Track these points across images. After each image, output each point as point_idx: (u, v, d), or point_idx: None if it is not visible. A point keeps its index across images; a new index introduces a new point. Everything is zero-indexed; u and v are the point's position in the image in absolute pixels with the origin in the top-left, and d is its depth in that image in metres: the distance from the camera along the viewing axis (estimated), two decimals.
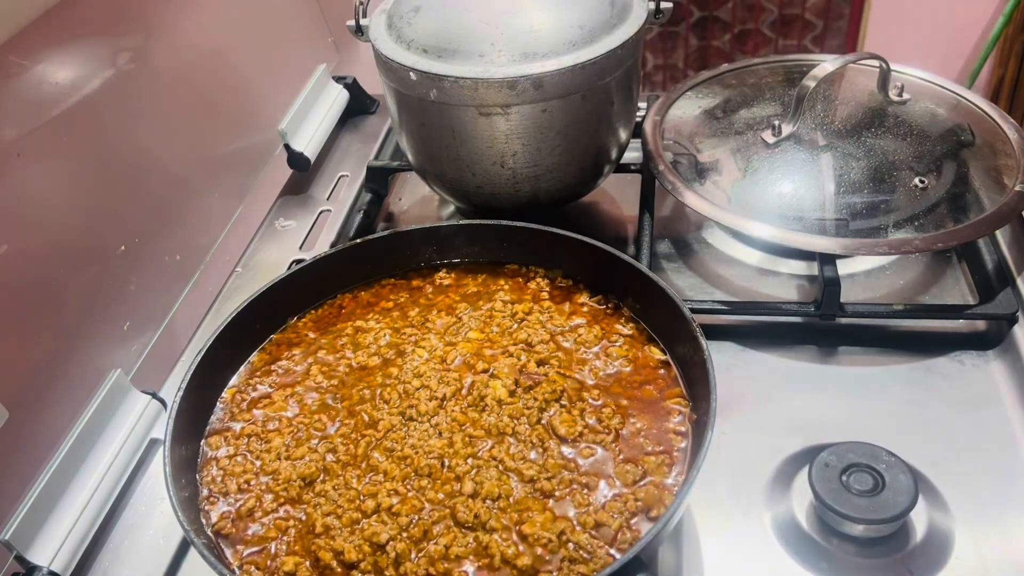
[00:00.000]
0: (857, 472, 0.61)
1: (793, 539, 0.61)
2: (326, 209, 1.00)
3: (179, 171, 0.88)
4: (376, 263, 0.77)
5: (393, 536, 0.56)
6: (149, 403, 0.74)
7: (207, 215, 0.92)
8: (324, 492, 0.59)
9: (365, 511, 0.57)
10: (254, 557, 0.56)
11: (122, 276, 0.77)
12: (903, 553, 0.60)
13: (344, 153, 1.10)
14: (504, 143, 0.80)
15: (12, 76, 0.66)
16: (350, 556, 0.54)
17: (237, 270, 0.93)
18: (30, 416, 0.65)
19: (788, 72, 0.95)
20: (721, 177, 0.84)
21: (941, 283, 0.83)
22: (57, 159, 0.71)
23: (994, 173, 0.81)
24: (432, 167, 0.87)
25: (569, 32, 0.76)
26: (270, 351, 0.71)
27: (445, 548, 0.55)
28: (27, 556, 0.60)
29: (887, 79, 0.87)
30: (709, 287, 0.85)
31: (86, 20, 0.75)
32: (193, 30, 0.91)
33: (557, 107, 0.78)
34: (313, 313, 0.75)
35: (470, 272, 0.77)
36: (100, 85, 0.75)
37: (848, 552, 0.60)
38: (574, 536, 0.55)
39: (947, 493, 0.63)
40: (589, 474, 0.59)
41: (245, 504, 0.59)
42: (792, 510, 0.63)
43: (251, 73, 1.01)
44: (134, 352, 0.78)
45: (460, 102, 0.77)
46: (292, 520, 0.58)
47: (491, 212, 0.84)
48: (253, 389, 0.68)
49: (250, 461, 0.62)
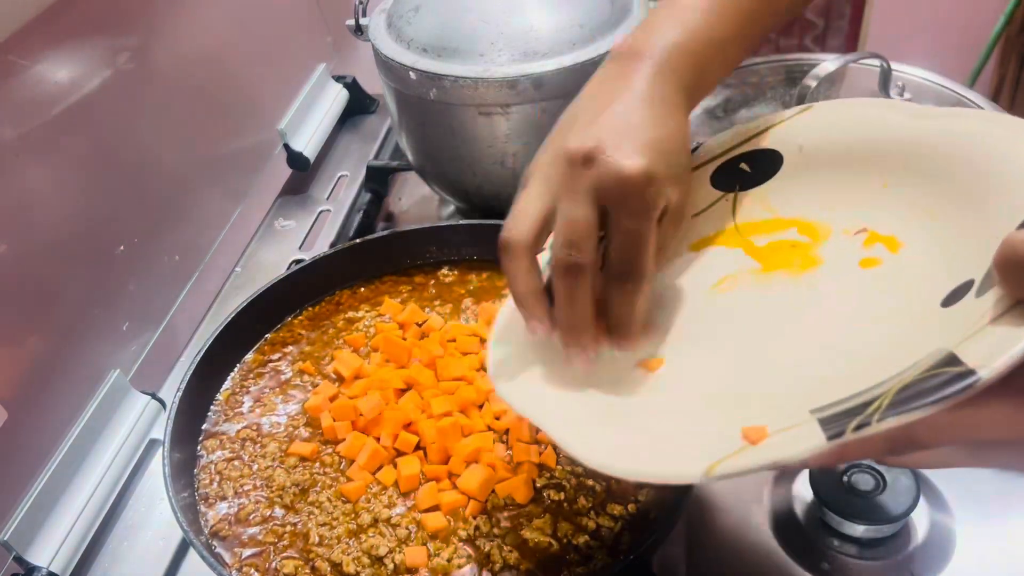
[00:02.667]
0: (858, 472, 0.60)
1: (794, 539, 0.61)
2: (326, 209, 1.00)
3: (178, 171, 0.88)
4: (376, 263, 0.77)
5: (392, 548, 0.55)
6: (148, 403, 0.74)
7: (206, 215, 0.92)
8: (318, 503, 0.59)
9: (361, 525, 0.57)
10: (253, 559, 0.56)
11: (121, 276, 0.77)
12: (904, 554, 0.59)
13: (344, 153, 1.10)
14: (504, 143, 0.79)
15: (12, 75, 0.66)
16: (348, 569, 0.54)
17: (236, 270, 0.92)
18: (29, 416, 0.65)
19: (789, 71, 0.95)
20: None
21: None
22: (57, 159, 0.71)
23: None
24: (432, 167, 0.87)
25: (569, 31, 0.76)
26: (264, 351, 0.71)
27: (447, 561, 0.55)
28: (26, 557, 0.60)
29: (888, 79, 0.87)
30: None
31: (86, 20, 0.74)
32: (193, 30, 0.91)
33: (557, 107, 0.77)
34: (310, 311, 0.75)
35: (473, 269, 0.77)
36: (100, 85, 0.75)
37: (849, 553, 0.60)
38: (575, 539, 0.55)
39: (948, 494, 0.63)
40: (592, 475, 0.59)
41: (244, 508, 0.59)
42: (792, 510, 0.63)
43: (251, 73, 1.01)
44: (133, 352, 0.78)
45: (460, 102, 0.77)
46: (288, 526, 0.58)
47: (491, 212, 0.84)
48: (247, 391, 0.68)
49: (246, 464, 0.62)
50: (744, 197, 0.54)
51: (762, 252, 0.51)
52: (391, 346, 0.67)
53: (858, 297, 0.45)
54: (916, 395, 0.32)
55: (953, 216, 0.44)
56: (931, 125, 0.47)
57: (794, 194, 0.52)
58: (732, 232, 0.53)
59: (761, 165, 0.54)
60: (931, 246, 0.44)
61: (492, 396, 0.63)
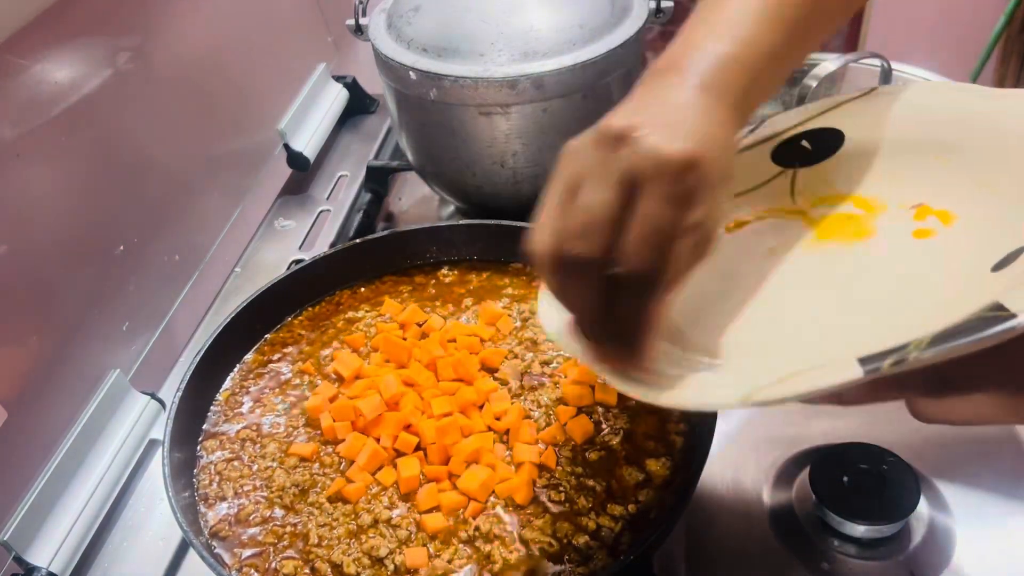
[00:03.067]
0: (858, 472, 0.60)
1: (793, 539, 0.61)
2: (326, 209, 1.00)
3: (178, 171, 0.88)
4: (376, 263, 0.77)
5: (392, 549, 0.55)
6: (148, 403, 0.74)
7: (206, 215, 0.92)
8: (318, 503, 0.59)
9: (361, 525, 0.57)
10: (253, 560, 0.56)
11: (121, 276, 0.77)
12: (904, 554, 0.59)
13: (344, 153, 1.10)
14: (504, 143, 0.79)
15: (12, 76, 0.66)
16: (348, 570, 0.54)
17: (236, 270, 0.92)
18: (29, 416, 0.65)
19: None
20: None
21: None
22: (56, 159, 0.71)
23: None
24: (432, 167, 0.86)
25: (569, 31, 0.76)
26: (264, 351, 0.71)
27: (447, 562, 0.55)
28: (26, 557, 0.60)
29: (888, 79, 0.87)
30: None
31: (86, 20, 0.74)
32: (192, 30, 0.91)
33: (557, 107, 0.78)
34: (310, 311, 0.75)
35: (474, 269, 0.77)
36: (100, 85, 0.75)
37: (849, 553, 0.60)
38: (575, 539, 0.55)
39: (948, 494, 0.63)
40: (592, 475, 0.59)
41: (243, 509, 0.59)
42: (792, 510, 0.63)
43: (250, 73, 1.01)
44: (133, 352, 0.78)
45: (460, 101, 0.77)
46: (288, 527, 0.58)
47: (491, 212, 0.84)
48: (246, 392, 0.68)
49: (245, 465, 0.62)
50: (804, 173, 0.56)
51: (817, 222, 0.53)
52: (391, 346, 0.67)
53: (909, 263, 0.47)
54: (956, 334, 0.33)
55: (1008, 189, 0.46)
56: (992, 105, 0.50)
57: (852, 171, 0.54)
58: (789, 204, 0.55)
59: (822, 143, 0.56)
60: (985, 219, 0.46)
61: (492, 396, 0.63)
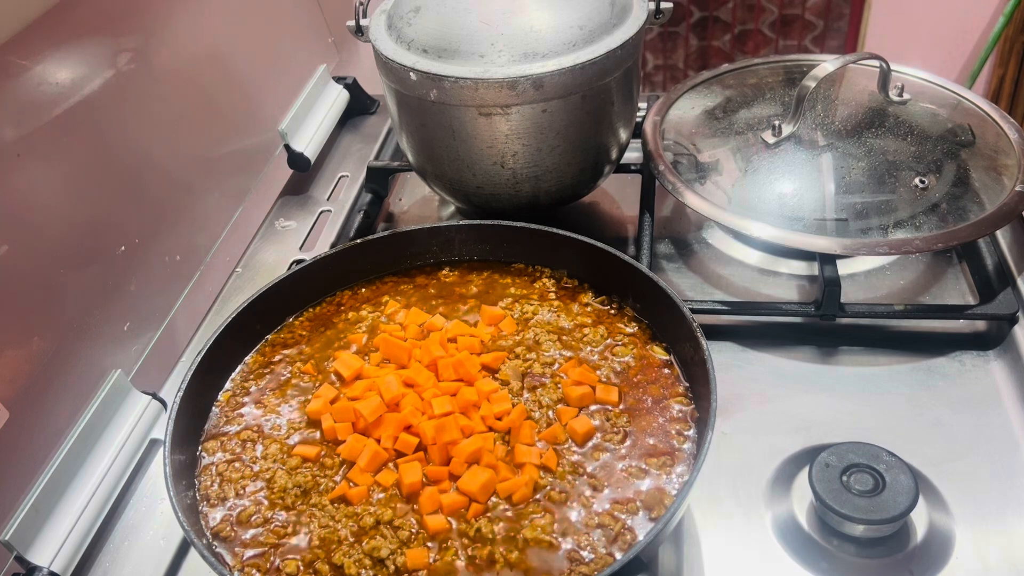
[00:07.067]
0: (857, 472, 0.61)
1: (793, 539, 0.61)
2: (326, 209, 1.00)
3: (179, 171, 0.88)
4: (377, 263, 0.77)
5: (394, 550, 0.55)
6: (149, 404, 0.74)
7: (207, 215, 0.92)
8: (321, 505, 0.59)
9: (363, 526, 0.57)
10: (255, 560, 0.56)
11: (122, 276, 0.77)
12: (903, 553, 0.60)
13: (344, 153, 1.10)
14: (504, 143, 0.80)
15: (12, 76, 0.66)
16: (350, 571, 0.54)
17: (237, 271, 0.93)
18: (30, 416, 0.65)
19: (788, 72, 0.95)
20: (721, 177, 0.84)
21: (941, 283, 0.83)
22: (57, 159, 0.71)
23: (994, 173, 0.81)
24: (432, 167, 0.87)
25: (569, 32, 0.76)
26: (265, 352, 0.71)
27: (449, 562, 0.55)
28: (27, 556, 0.60)
29: (887, 79, 0.87)
30: (709, 287, 0.85)
31: (86, 20, 0.75)
32: (193, 30, 0.91)
33: (557, 107, 0.78)
34: (311, 311, 0.75)
35: (474, 269, 0.77)
36: (100, 85, 0.75)
37: (848, 552, 0.60)
38: (576, 539, 0.55)
39: (947, 493, 0.63)
40: (593, 475, 0.59)
41: (245, 509, 0.59)
42: (792, 510, 0.63)
43: (251, 73, 1.01)
44: (134, 352, 0.78)
45: (460, 102, 0.77)
46: (290, 528, 0.58)
47: (491, 212, 0.84)
48: (247, 392, 0.68)
49: (247, 466, 0.62)
50: None
51: None
52: (392, 347, 0.67)
53: None
54: None
55: None
56: None
57: None
58: None
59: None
60: None
61: (493, 397, 0.63)
